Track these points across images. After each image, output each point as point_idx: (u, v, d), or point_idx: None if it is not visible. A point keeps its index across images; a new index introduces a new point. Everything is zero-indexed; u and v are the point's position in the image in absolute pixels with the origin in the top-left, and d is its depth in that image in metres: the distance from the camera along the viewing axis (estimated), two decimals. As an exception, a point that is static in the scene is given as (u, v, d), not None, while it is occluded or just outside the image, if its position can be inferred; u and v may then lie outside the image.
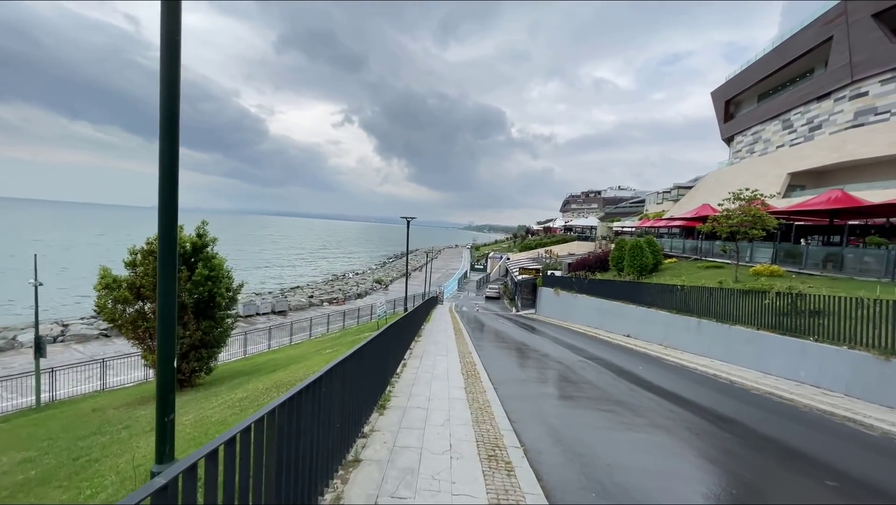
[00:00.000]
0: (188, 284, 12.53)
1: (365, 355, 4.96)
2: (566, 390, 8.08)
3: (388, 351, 6.83)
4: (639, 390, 8.38)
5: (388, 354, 6.72)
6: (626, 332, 18.63)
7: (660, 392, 8.33)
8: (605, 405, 7.13)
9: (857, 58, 30.38)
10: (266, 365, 16.22)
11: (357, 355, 4.42)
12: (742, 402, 7.95)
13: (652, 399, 7.74)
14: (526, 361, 11.19)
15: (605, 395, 7.86)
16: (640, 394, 8.07)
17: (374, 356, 5.38)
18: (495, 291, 49.69)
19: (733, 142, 48.63)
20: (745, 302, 11.83)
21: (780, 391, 8.77)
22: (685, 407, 7.33)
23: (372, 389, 5.46)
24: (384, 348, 6.31)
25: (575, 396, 7.55)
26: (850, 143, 30.66)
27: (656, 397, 7.88)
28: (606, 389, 8.24)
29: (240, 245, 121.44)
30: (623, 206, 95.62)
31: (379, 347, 5.81)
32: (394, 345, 7.36)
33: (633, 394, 8.02)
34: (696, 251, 29.96)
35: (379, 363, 5.70)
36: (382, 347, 6.12)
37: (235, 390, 10.43)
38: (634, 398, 7.72)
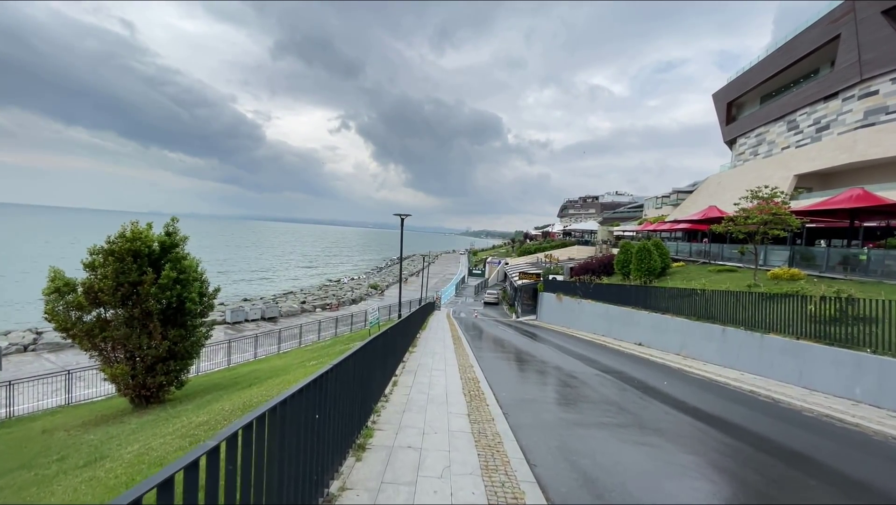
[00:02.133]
0: (153, 288, 11.10)
1: (338, 376, 3.61)
2: (590, 415, 6.72)
3: (373, 368, 5.46)
4: (675, 414, 7.04)
5: (372, 373, 5.35)
6: (638, 340, 17.30)
7: (700, 416, 6.99)
8: (643, 436, 5.78)
9: (866, 56, 29.51)
10: (246, 377, 14.76)
11: (318, 384, 3.07)
12: (801, 428, 6.62)
13: (695, 426, 6.39)
14: (536, 376, 9.83)
15: (638, 420, 6.52)
16: (678, 419, 6.73)
17: (349, 378, 4.02)
18: (494, 297, 48.32)
19: (736, 144, 47.77)
20: (780, 308, 10.53)
21: (837, 413, 7.44)
22: (738, 437, 5.98)
23: (348, 422, 4.08)
24: (367, 365, 4.94)
25: (604, 424, 6.19)
26: (860, 143, 29.70)
27: (698, 423, 6.54)
28: (638, 414, 6.89)
29: (233, 250, 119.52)
30: (621, 210, 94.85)
31: (359, 365, 4.45)
32: (380, 360, 5.99)
33: (671, 419, 6.68)
34: (703, 255, 28.80)
35: (356, 388, 4.32)
36: (365, 365, 4.76)
37: (200, 411, 9.00)
38: (673, 425, 6.38)
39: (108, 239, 11.21)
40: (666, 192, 70.07)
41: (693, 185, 63.27)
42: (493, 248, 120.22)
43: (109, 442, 8.03)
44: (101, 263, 11.07)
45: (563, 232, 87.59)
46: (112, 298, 10.90)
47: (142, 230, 11.50)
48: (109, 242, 11.20)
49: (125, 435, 8.36)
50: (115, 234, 11.29)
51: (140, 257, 11.25)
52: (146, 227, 12.22)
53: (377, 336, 5.47)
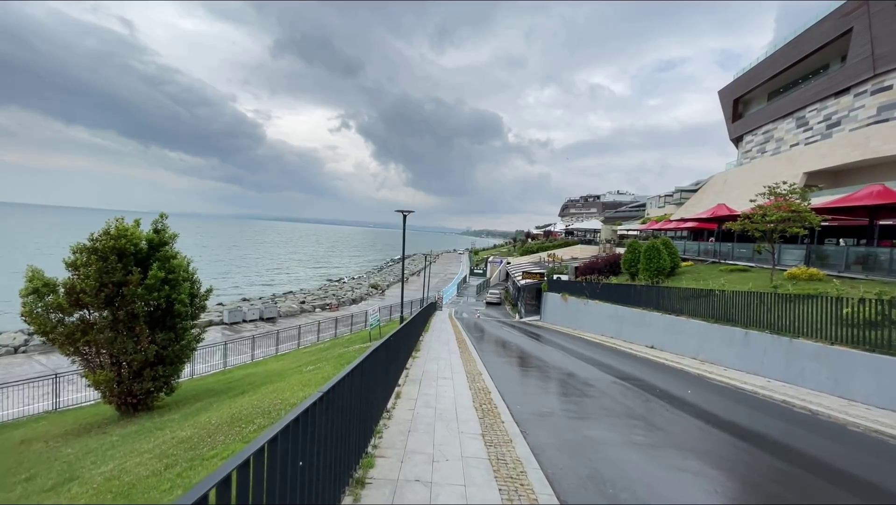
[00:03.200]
0: (139, 289, 10.39)
1: (331, 404, 2.91)
2: (617, 432, 6.00)
3: (374, 383, 4.75)
4: (711, 430, 6.32)
5: (372, 389, 4.64)
6: (650, 342, 16.58)
7: (738, 433, 6.27)
8: (682, 459, 5.08)
9: (879, 50, 28.73)
10: (240, 382, 14.05)
11: (301, 423, 2.36)
12: (853, 448, 5.90)
13: (737, 446, 5.68)
14: (549, 384, 9.11)
15: (672, 439, 5.81)
16: (716, 437, 6.01)
17: (345, 403, 3.30)
18: (496, 297, 47.60)
19: (742, 142, 46.96)
20: (811, 310, 9.80)
21: (887, 427, 6.72)
22: (790, 460, 5.27)
23: (343, 455, 3.37)
24: (367, 382, 4.23)
25: (635, 444, 5.48)
26: (873, 139, 28.91)
27: (739, 442, 5.83)
28: (669, 430, 6.17)
29: (233, 250, 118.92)
30: (623, 210, 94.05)
31: (358, 384, 3.75)
32: (381, 372, 5.27)
33: (708, 438, 5.96)
34: (711, 254, 28.07)
35: (353, 411, 3.60)
36: (364, 381, 4.05)
37: (186, 423, 8.29)
38: (713, 445, 5.67)
39: (91, 236, 10.50)
40: (669, 192, 69.32)
41: (696, 184, 62.50)
42: (494, 248, 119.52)
43: (85, 459, 7.34)
44: (84, 262, 10.36)
45: (565, 231, 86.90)
46: (95, 300, 10.19)
47: (127, 227, 10.80)
48: (92, 240, 10.49)
49: (104, 450, 7.66)
50: (98, 231, 10.59)
51: (125, 256, 10.54)
52: (133, 224, 11.52)
53: (378, 347, 4.76)
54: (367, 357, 4.14)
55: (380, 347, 4.83)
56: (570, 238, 75.58)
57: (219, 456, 4.88)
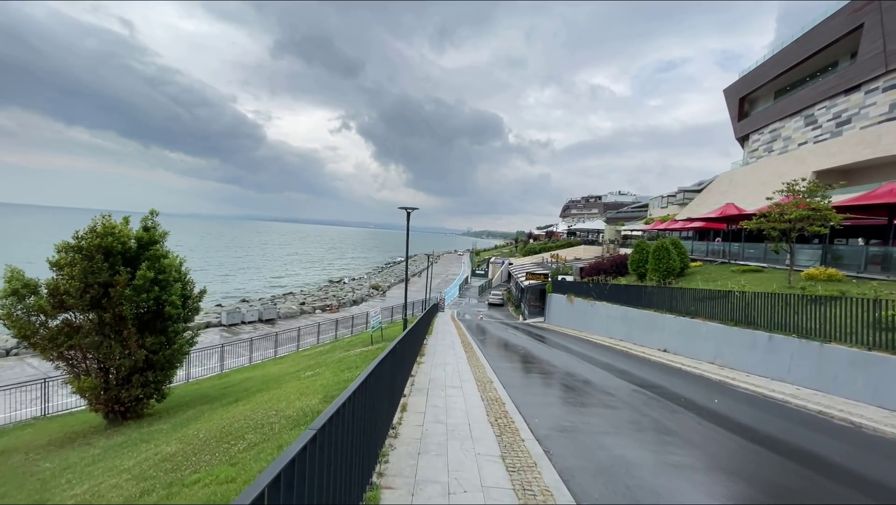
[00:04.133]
0: (127, 290, 9.77)
1: (327, 439, 2.28)
2: (652, 451, 5.36)
3: (379, 402, 4.12)
4: (754, 448, 5.68)
5: (377, 409, 4.01)
6: (663, 346, 15.94)
7: (783, 451, 5.63)
8: (732, 483, 4.44)
9: (891, 46, 28.11)
10: (236, 387, 13.43)
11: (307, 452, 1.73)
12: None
13: (788, 468, 5.03)
14: (565, 393, 8.47)
15: (714, 459, 5.17)
16: (763, 457, 5.37)
17: (344, 431, 2.68)
18: (499, 298, 46.93)
19: (748, 141, 46.30)
20: (844, 313, 9.16)
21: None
22: (858, 487, 4.64)
23: (347, 486, 2.73)
24: (371, 402, 3.61)
25: (675, 466, 4.84)
26: (885, 137, 28.27)
27: (788, 462, 5.19)
28: (707, 448, 5.54)
29: (233, 250, 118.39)
30: (624, 210, 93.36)
31: (360, 407, 3.13)
32: (387, 386, 4.65)
33: (755, 458, 5.31)
34: (719, 254, 27.42)
35: (354, 440, 2.97)
36: (367, 401, 3.43)
37: (173, 436, 7.67)
38: (763, 468, 5.02)
39: (76, 234, 9.89)
40: (671, 192, 68.69)
41: (699, 185, 61.85)
42: (495, 248, 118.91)
43: (61, 476, 6.71)
44: (68, 261, 9.75)
45: (567, 231, 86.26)
46: (79, 302, 9.58)
47: (115, 224, 10.19)
48: (77, 238, 9.88)
49: (83, 466, 7.04)
50: (84, 228, 9.98)
51: (112, 255, 9.93)
52: (122, 222, 10.91)
53: (384, 358, 4.13)
54: (371, 374, 3.51)
55: (385, 358, 4.20)
56: (573, 238, 74.95)
57: (201, 482, 4.26)
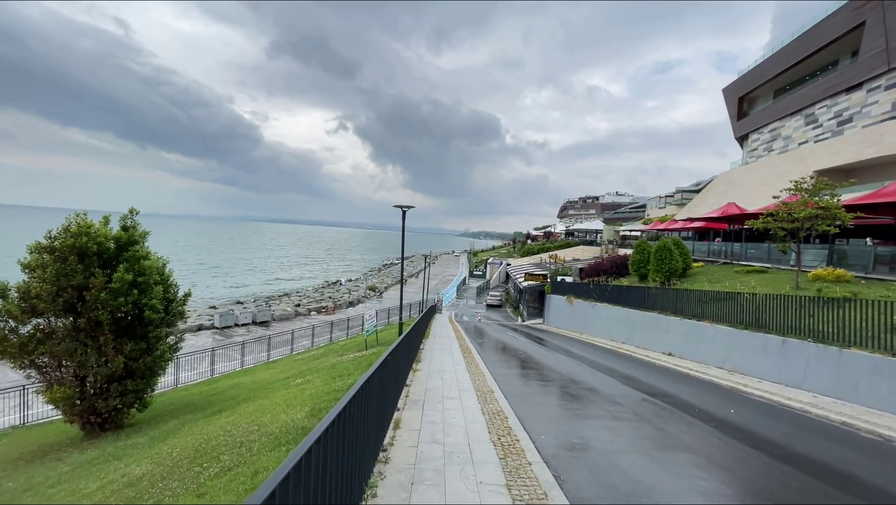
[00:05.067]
0: (103, 294, 9.16)
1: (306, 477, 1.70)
2: (674, 471, 4.82)
3: (366, 427, 3.55)
4: (783, 468, 5.14)
5: (363, 433, 3.44)
6: (667, 349, 15.43)
7: (815, 470, 5.08)
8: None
9: (894, 43, 27.77)
10: (224, 394, 12.82)
11: None
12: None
13: (828, 494, 4.50)
14: (572, 403, 7.91)
15: (747, 484, 4.62)
16: (794, 478, 4.83)
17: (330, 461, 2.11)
18: (497, 299, 46.42)
19: (748, 140, 45.99)
20: (865, 316, 8.65)
21: None
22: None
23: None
24: (356, 430, 3.04)
25: (703, 492, 4.31)
26: (888, 135, 27.92)
27: (823, 486, 4.65)
28: (734, 469, 4.99)
29: (230, 251, 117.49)
30: (622, 211, 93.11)
31: (345, 433, 2.57)
32: (376, 403, 4.08)
33: (788, 481, 4.77)
34: (721, 254, 26.97)
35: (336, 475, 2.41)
36: (353, 430, 2.87)
37: (148, 452, 7.07)
38: (802, 495, 4.50)
39: (48, 234, 9.27)
40: (669, 192, 68.45)
41: (697, 185, 61.58)
42: (493, 249, 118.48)
43: (22, 497, 6.11)
44: (40, 263, 9.13)
45: (565, 232, 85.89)
46: (51, 306, 8.97)
47: (90, 224, 9.58)
48: (50, 239, 9.26)
49: (46, 487, 6.43)
50: (57, 228, 9.36)
51: (87, 256, 9.32)
52: (101, 221, 10.31)
53: (372, 373, 3.57)
54: (355, 395, 2.94)
55: (372, 375, 3.64)
56: (571, 239, 74.56)
57: (160, 519, 3.69)
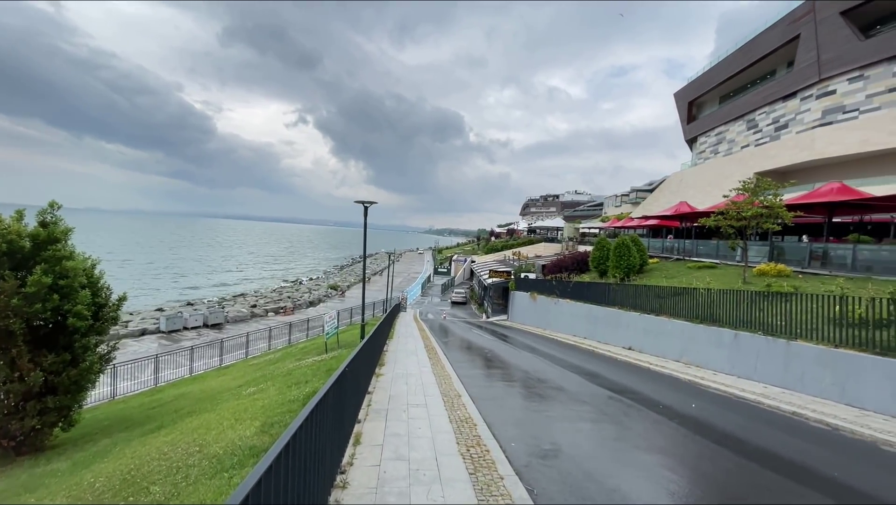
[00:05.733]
0: (16, 299, 7.97)
1: None
2: (650, 476, 4.70)
3: (319, 453, 3.08)
4: (748, 466, 5.18)
5: (316, 462, 2.98)
6: (627, 344, 15.83)
7: (782, 468, 5.16)
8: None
9: (825, 56, 30.16)
10: (167, 407, 11.71)
11: None
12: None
13: (797, 492, 4.54)
14: (541, 404, 7.75)
15: (715, 486, 4.59)
16: (760, 476, 4.86)
17: None
18: (462, 296, 46.45)
19: (696, 143, 48.68)
20: (810, 310, 9.12)
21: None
22: None
23: None
24: (304, 463, 2.58)
25: (672, 493, 4.21)
26: (818, 141, 30.37)
27: (796, 485, 4.70)
28: (700, 466, 4.97)
29: (177, 249, 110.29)
30: (581, 209, 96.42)
31: (295, 465, 2.11)
32: (331, 426, 3.61)
33: (753, 477, 4.80)
34: (674, 251, 28.26)
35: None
36: (300, 461, 2.41)
37: (68, 481, 6.16)
38: (764, 491, 4.50)
39: (-56, 231, 7.94)
40: (625, 191, 71.52)
41: (650, 185, 64.76)
42: (457, 246, 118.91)
43: None
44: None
45: (528, 229, 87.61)
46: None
47: None
48: (-54, 236, 7.93)
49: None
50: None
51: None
52: (13, 216, 9.01)
53: (328, 391, 3.11)
54: (305, 421, 2.48)
55: (329, 390, 3.17)
56: (533, 236, 76.09)
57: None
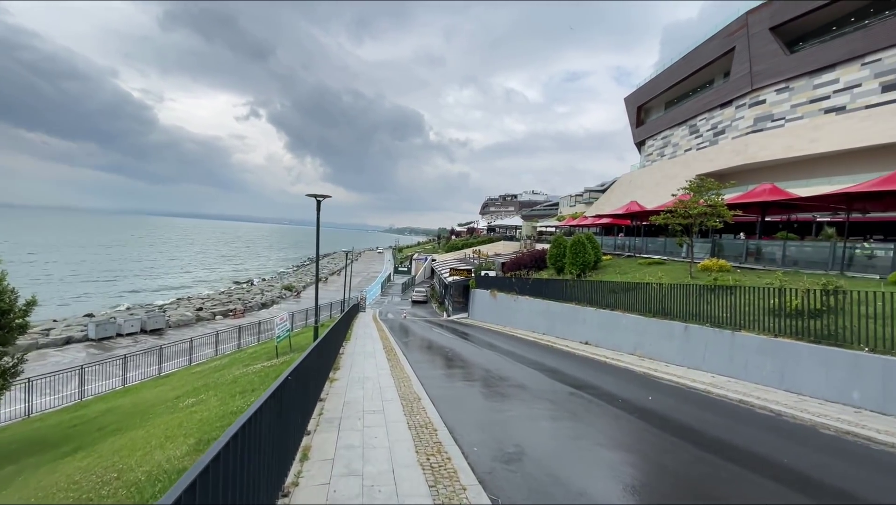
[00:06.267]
0: None
1: None
2: (614, 475, 4.59)
3: (254, 472, 2.61)
4: (703, 456, 5.23)
5: (252, 477, 2.50)
6: (584, 338, 16.17)
7: (733, 456, 5.26)
8: None
9: (756, 67, 32.68)
10: (90, 424, 10.42)
11: None
12: (849, 461, 5.20)
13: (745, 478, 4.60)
14: (503, 404, 7.55)
15: (675, 478, 4.56)
16: (725, 470, 4.90)
17: None
18: (422, 295, 46.05)
19: (645, 146, 51.32)
20: (751, 301, 9.62)
21: (854, 427, 6.31)
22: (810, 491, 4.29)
23: None
24: (238, 476, 2.11)
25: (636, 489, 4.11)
26: (751, 146, 32.88)
27: (746, 472, 4.77)
28: (661, 459, 4.95)
29: (116, 250, 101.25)
30: (538, 208, 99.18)
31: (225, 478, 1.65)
32: (271, 444, 3.13)
33: (712, 468, 4.83)
34: (625, 248, 29.43)
35: None
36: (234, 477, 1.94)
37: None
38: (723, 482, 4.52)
39: None
40: (579, 192, 74.28)
41: (602, 185, 67.68)
42: (418, 245, 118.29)
43: None
44: None
45: (487, 228, 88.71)
46: None
47: None
48: None
49: None
50: None
51: None
52: None
53: (263, 405, 2.64)
54: (231, 441, 2.02)
55: (265, 405, 2.70)
56: (493, 235, 77.12)
57: None
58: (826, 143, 27.79)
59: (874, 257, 13.45)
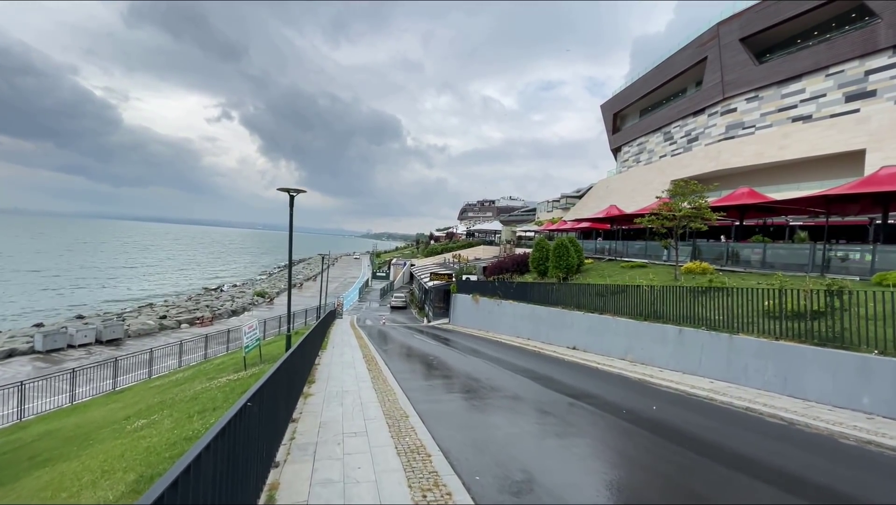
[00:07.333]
0: None
1: None
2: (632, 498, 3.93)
3: None
4: (731, 475, 4.66)
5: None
6: (572, 343, 15.69)
7: (762, 473, 4.71)
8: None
9: (728, 77, 33.66)
10: (20, 452, 9.03)
11: None
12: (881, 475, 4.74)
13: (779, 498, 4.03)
14: (501, 419, 6.80)
15: None
16: (758, 490, 4.33)
17: None
18: (401, 301, 44.97)
19: (621, 152, 52.23)
20: (747, 303, 9.29)
21: (877, 437, 5.89)
22: None
23: None
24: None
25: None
26: (723, 153, 33.76)
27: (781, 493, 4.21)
28: (693, 486, 4.33)
29: (74, 256, 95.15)
30: (516, 214, 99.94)
31: None
32: (228, 485, 2.26)
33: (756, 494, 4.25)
34: (605, 252, 29.39)
35: None
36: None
37: None
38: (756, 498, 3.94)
39: None
40: (556, 197, 75.19)
41: (578, 191, 68.67)
42: (396, 250, 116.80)
43: None
44: None
45: (466, 233, 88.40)
46: None
47: None
48: None
49: None
50: None
51: None
52: None
53: (210, 442, 1.81)
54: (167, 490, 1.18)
55: (212, 442, 1.87)
56: (472, 239, 76.81)
57: None
58: (794, 150, 28.74)
59: (848, 260, 13.57)
